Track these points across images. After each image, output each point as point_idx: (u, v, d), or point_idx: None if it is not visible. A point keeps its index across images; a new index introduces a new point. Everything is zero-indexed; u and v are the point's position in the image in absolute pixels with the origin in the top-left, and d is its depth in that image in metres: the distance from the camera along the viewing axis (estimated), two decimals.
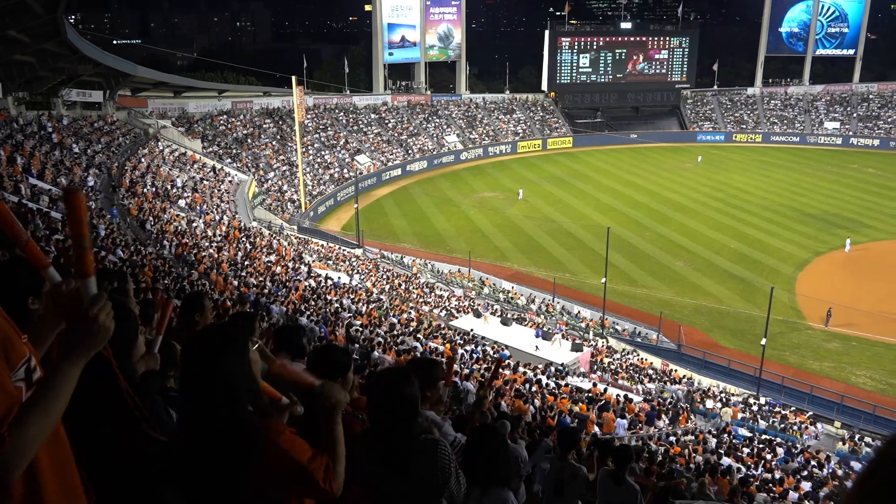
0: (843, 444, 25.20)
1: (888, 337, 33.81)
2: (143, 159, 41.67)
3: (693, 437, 22.36)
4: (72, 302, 2.11)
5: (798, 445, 24.09)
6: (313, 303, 25.57)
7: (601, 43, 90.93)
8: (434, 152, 74.70)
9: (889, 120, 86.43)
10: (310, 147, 63.88)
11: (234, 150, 57.73)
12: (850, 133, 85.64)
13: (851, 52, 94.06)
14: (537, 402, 19.62)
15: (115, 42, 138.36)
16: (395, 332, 24.33)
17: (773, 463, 20.96)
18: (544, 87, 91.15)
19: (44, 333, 2.40)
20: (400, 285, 36.73)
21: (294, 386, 3.29)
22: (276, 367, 3.07)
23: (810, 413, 28.00)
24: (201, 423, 2.47)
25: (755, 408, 28.07)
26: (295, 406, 3.08)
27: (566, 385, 24.34)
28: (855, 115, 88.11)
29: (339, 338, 20.41)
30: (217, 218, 37.23)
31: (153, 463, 2.77)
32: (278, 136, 63.70)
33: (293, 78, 54.15)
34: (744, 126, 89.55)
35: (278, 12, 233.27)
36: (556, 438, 8.65)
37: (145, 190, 36.03)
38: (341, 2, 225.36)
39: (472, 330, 30.29)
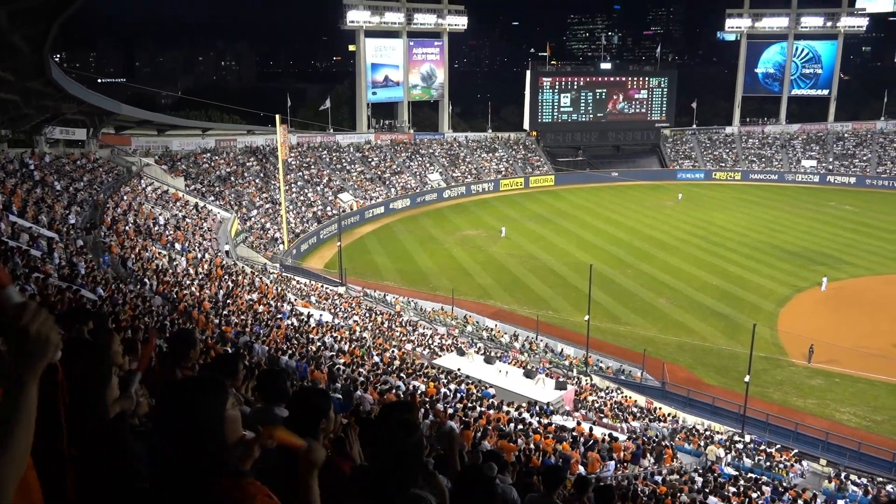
0: (830, 482, 25.10)
1: (871, 373, 33.98)
2: (125, 197, 41.49)
3: (679, 477, 22.20)
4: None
5: (784, 484, 23.98)
6: (296, 341, 25.36)
7: (582, 83, 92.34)
8: (417, 190, 75.03)
9: (864, 158, 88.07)
10: (293, 185, 63.96)
11: (217, 188, 57.67)
12: (827, 171, 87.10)
13: (826, 92, 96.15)
14: (521, 442, 19.43)
15: (99, 81, 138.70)
16: (378, 371, 24.13)
17: (760, 502, 20.83)
18: (526, 125, 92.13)
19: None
20: (383, 323, 36.54)
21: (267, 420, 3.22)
22: (266, 435, 2.95)
23: (795, 451, 27.95)
24: (166, 473, 2.37)
25: (740, 446, 27.98)
26: (265, 439, 3.00)
27: (550, 424, 24.16)
28: (831, 153, 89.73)
29: (322, 376, 20.19)
30: (199, 256, 37.00)
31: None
32: (262, 174, 63.76)
33: (277, 116, 54.41)
34: (723, 164, 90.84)
35: (263, 52, 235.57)
36: (541, 477, 8.55)
37: (127, 227, 35.80)
38: (325, 42, 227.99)
39: (459, 369, 30.09)
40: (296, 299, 36.66)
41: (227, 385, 2.59)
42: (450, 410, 20.62)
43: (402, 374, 24.91)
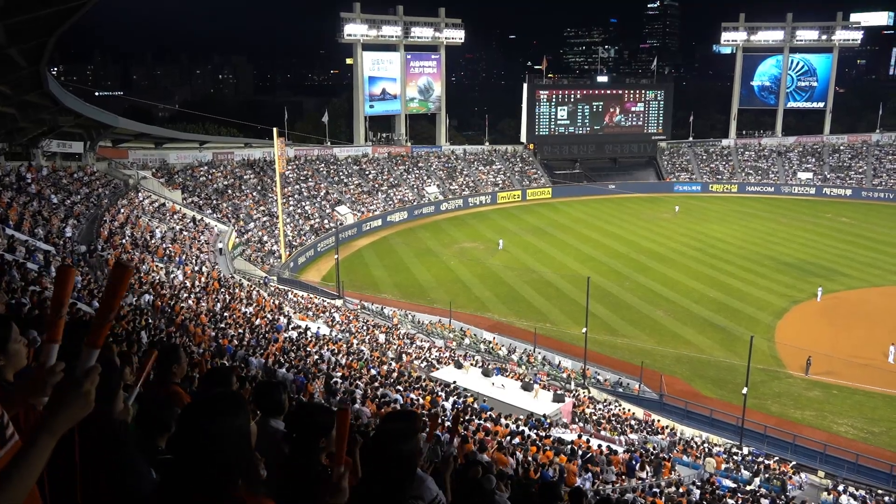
0: (828, 493, 25.05)
1: (868, 385, 33.97)
2: (122, 210, 41.48)
3: (677, 489, 22.11)
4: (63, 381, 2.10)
5: (783, 496, 23.90)
6: (293, 354, 25.29)
7: (578, 96, 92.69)
8: (414, 203, 75.11)
9: (860, 170, 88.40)
10: (290, 198, 64.00)
11: (215, 201, 57.67)
12: (823, 183, 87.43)
13: (821, 104, 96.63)
14: (519, 455, 19.37)
15: (97, 94, 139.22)
16: (376, 384, 24.07)
17: None
18: (523, 138, 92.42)
19: (14, 400, 2.35)
20: (380, 336, 36.47)
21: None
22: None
23: (794, 463, 27.90)
24: (185, 491, 2.31)
25: (738, 458, 27.92)
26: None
27: (548, 436, 24.09)
28: (827, 165, 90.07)
29: (318, 390, 20.12)
30: (196, 269, 36.96)
31: None
32: (259, 187, 63.81)
33: (274, 129, 54.49)
34: (719, 177, 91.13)
35: (260, 65, 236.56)
36: (538, 491, 8.52)
37: (124, 241, 35.76)
38: (323, 55, 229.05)
39: (454, 382, 30.02)
40: (293, 312, 36.61)
41: (248, 402, 2.57)
42: (447, 424, 20.56)
43: (399, 387, 24.85)
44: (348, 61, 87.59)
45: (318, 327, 33.64)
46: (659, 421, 31.60)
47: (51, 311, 2.33)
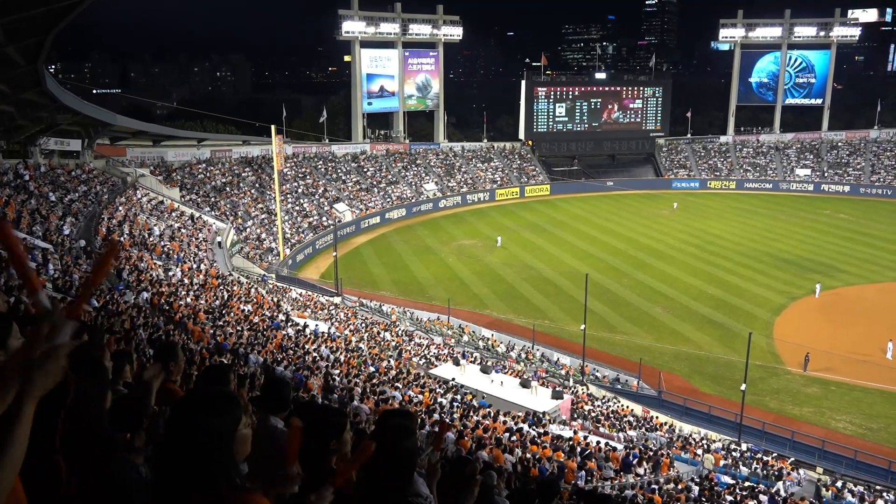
0: (826, 490, 25.09)
1: (867, 381, 34.00)
2: (120, 207, 41.43)
3: (675, 486, 22.14)
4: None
5: (781, 492, 23.93)
6: (291, 352, 25.29)
7: (577, 93, 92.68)
8: (412, 200, 75.08)
9: (858, 166, 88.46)
10: (289, 195, 63.95)
11: (213, 199, 57.60)
12: (821, 179, 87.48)
13: (819, 101, 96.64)
14: (518, 452, 19.39)
15: (94, 91, 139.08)
16: (374, 381, 24.08)
17: None
18: (521, 135, 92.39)
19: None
20: (378, 333, 36.48)
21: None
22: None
23: (792, 459, 27.94)
24: (169, 489, 2.29)
25: (737, 454, 27.96)
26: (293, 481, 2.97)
27: (546, 433, 24.11)
28: (825, 162, 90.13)
29: (317, 387, 20.12)
30: (194, 266, 36.93)
31: None
32: (257, 185, 63.74)
33: (272, 127, 54.44)
34: (718, 173, 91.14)
35: (258, 63, 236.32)
36: (538, 488, 8.53)
37: (122, 238, 35.71)
38: (321, 53, 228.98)
39: (452, 379, 30.04)
40: (291, 309, 36.60)
41: (242, 402, 2.55)
42: (446, 420, 20.56)
43: (398, 385, 24.87)
44: (346, 59, 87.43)
45: (317, 324, 33.64)
46: (657, 417, 31.64)
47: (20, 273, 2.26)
